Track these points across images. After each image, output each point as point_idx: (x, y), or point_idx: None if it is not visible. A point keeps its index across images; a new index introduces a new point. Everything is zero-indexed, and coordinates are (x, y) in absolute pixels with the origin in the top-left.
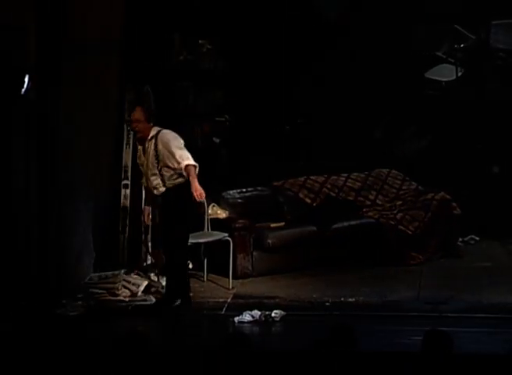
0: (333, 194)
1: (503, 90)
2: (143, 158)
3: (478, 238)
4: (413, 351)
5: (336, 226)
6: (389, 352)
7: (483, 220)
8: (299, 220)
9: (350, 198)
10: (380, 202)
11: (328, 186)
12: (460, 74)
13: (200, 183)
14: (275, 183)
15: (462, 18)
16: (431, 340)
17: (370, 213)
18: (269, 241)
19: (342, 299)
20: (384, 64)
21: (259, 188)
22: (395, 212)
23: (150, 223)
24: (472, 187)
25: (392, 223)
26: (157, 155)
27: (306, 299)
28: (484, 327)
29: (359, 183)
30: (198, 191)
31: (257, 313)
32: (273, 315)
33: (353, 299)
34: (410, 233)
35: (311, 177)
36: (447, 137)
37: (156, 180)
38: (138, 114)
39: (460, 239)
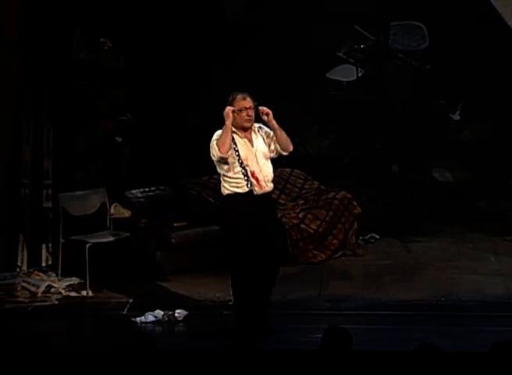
0: None
1: (403, 90)
2: (245, 150)
3: (378, 236)
4: (313, 349)
5: None
6: (289, 351)
7: (383, 219)
8: (202, 219)
9: None
10: (283, 201)
11: None
12: (360, 74)
13: (103, 183)
14: (179, 183)
15: (362, 19)
16: (330, 337)
17: None
18: (173, 240)
19: None
20: (286, 64)
21: (162, 188)
22: (297, 210)
23: None
24: (372, 186)
25: (295, 221)
26: (268, 145)
27: (209, 299)
28: (383, 324)
29: None
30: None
31: (159, 313)
32: (176, 315)
33: None
34: (311, 231)
35: (214, 176)
36: (349, 136)
37: (271, 174)
38: (251, 101)
39: (361, 237)
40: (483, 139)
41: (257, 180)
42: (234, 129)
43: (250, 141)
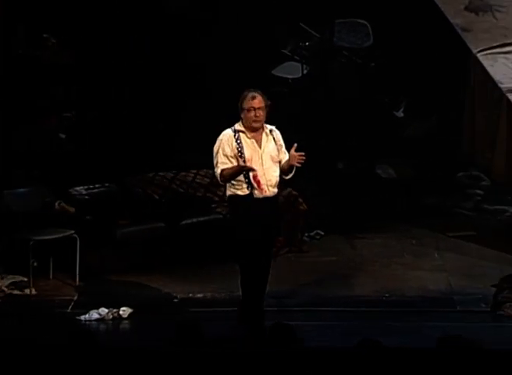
0: (182, 190)
1: (347, 87)
2: (250, 151)
3: (323, 233)
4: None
5: (184, 222)
6: (235, 347)
7: (328, 215)
8: (148, 217)
9: (199, 194)
10: None
11: (177, 182)
12: (305, 72)
13: (49, 179)
14: (124, 180)
15: (307, 16)
16: (274, 333)
17: (218, 209)
18: (118, 237)
19: (190, 295)
20: (233, 60)
21: (107, 184)
22: None
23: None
24: (317, 183)
25: None
26: (277, 150)
27: (154, 296)
28: (328, 320)
29: (208, 180)
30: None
31: (104, 311)
32: (121, 312)
33: (202, 295)
34: None
35: (160, 173)
36: (294, 133)
37: (276, 179)
38: (261, 101)
39: (306, 234)
40: (427, 136)
41: (258, 183)
42: (243, 128)
43: (259, 141)
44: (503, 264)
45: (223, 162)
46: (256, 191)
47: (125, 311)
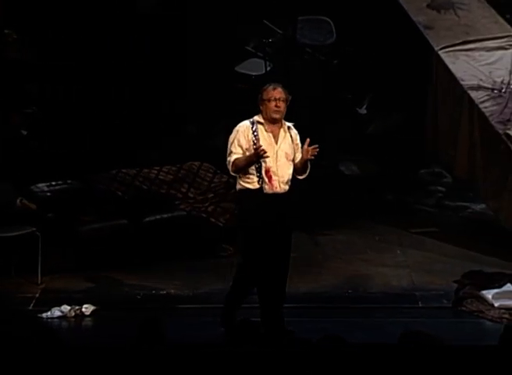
0: (145, 187)
1: (310, 84)
2: (266, 145)
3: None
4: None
5: (147, 219)
6: (198, 344)
7: (291, 212)
8: (110, 214)
9: (162, 191)
10: (192, 195)
11: (140, 179)
12: (268, 68)
13: (11, 176)
14: (86, 177)
15: (270, 13)
16: (240, 330)
17: (182, 206)
18: (80, 234)
19: (153, 292)
20: (194, 57)
21: (69, 181)
22: (206, 204)
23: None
24: None
25: (204, 215)
26: (293, 149)
27: (117, 293)
28: (291, 317)
29: (171, 176)
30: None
31: (66, 308)
32: (83, 309)
33: (165, 292)
34: (221, 225)
35: (123, 170)
36: None
37: (288, 176)
38: (282, 93)
39: None
40: (390, 133)
41: (270, 178)
42: (262, 120)
43: (276, 137)
44: (464, 260)
45: (237, 152)
46: (266, 186)
47: (87, 308)
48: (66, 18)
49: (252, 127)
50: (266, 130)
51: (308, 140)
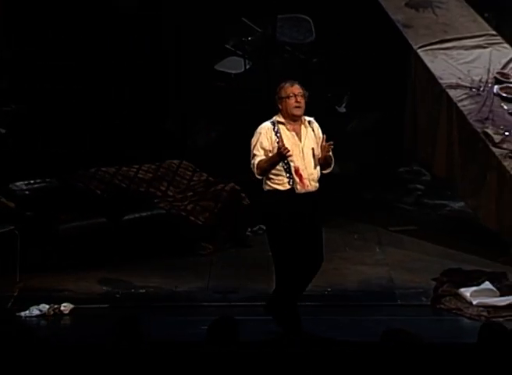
0: (124, 186)
1: None
2: (290, 144)
3: (265, 228)
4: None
5: (127, 217)
6: (178, 342)
7: None
8: (90, 212)
9: (142, 190)
10: (171, 193)
11: (119, 177)
12: (248, 67)
13: None
14: (65, 175)
15: (249, 11)
16: (216, 328)
17: (161, 204)
18: (59, 233)
19: (132, 290)
20: (174, 56)
21: (48, 180)
22: (186, 203)
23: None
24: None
25: (183, 213)
26: (316, 144)
27: (96, 291)
28: (268, 315)
29: (150, 175)
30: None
31: (45, 307)
32: (62, 308)
33: (144, 290)
34: (200, 223)
35: (102, 168)
36: (237, 128)
37: (317, 173)
38: (300, 88)
39: (249, 229)
40: (369, 131)
41: (300, 177)
42: (282, 119)
43: (299, 134)
44: (443, 258)
45: (260, 154)
46: (298, 186)
47: (66, 307)
48: (43, 17)
49: (274, 128)
50: (288, 129)
51: (324, 136)
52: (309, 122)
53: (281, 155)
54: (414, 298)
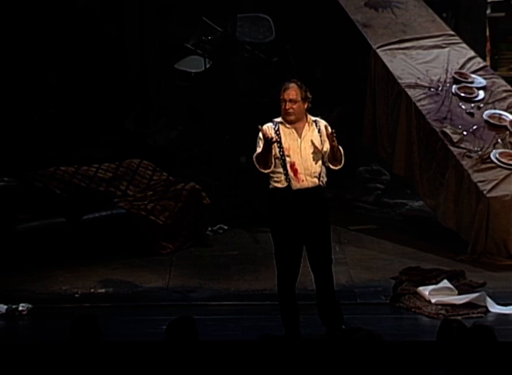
0: (84, 185)
1: (249, 82)
2: (289, 140)
3: (226, 227)
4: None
5: (86, 217)
6: (138, 342)
7: (231, 210)
8: (48, 211)
9: (101, 189)
10: (131, 193)
11: (79, 176)
12: (208, 66)
13: None
14: (24, 174)
15: (209, 10)
16: (174, 327)
17: (121, 204)
18: (18, 232)
19: (92, 290)
20: (134, 54)
21: (6, 179)
22: (146, 202)
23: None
24: (221, 177)
25: (143, 213)
26: (321, 142)
27: (55, 291)
28: (230, 314)
29: (110, 174)
30: None
31: (3, 307)
32: (20, 308)
33: (103, 290)
34: (160, 223)
35: (61, 168)
36: (197, 127)
37: (315, 169)
38: (294, 94)
39: (210, 228)
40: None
41: (295, 172)
42: (282, 119)
43: (299, 130)
44: (402, 257)
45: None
46: (293, 181)
47: (24, 307)
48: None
49: (274, 127)
50: (287, 127)
51: (330, 130)
52: (315, 121)
53: (267, 141)
54: (374, 296)
